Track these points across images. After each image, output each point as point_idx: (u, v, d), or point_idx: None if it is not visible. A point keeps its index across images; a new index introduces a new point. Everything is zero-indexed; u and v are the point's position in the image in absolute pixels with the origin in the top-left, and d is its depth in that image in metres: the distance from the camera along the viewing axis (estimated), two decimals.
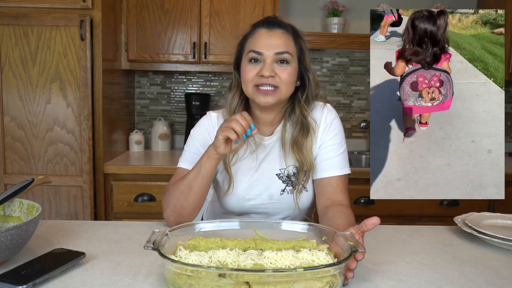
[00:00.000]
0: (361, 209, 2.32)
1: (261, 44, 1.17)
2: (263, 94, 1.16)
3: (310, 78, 1.23)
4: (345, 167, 1.25)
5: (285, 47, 1.17)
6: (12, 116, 2.11)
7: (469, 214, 1.31)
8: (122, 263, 0.96)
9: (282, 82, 1.16)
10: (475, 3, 2.90)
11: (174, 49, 2.46)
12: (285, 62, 1.17)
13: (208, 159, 1.11)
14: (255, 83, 1.16)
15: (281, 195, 1.26)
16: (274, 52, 1.16)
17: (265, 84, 1.15)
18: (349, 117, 2.96)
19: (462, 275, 0.95)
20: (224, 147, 1.07)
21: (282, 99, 1.19)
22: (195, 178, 1.13)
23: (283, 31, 1.19)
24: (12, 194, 1.05)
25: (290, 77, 1.17)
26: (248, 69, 1.18)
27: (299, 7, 2.84)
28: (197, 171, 1.12)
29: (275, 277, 0.75)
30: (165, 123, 2.74)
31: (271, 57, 1.16)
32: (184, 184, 1.14)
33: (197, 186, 1.13)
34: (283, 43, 1.17)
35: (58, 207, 2.16)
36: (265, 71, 1.14)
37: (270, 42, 1.16)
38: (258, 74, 1.16)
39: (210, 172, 1.12)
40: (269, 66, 1.15)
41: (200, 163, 1.13)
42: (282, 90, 1.17)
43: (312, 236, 0.97)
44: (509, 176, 1.50)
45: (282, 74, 1.16)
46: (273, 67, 1.16)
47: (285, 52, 1.16)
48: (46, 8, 2.07)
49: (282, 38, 1.18)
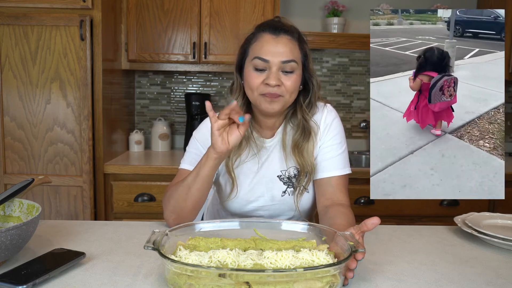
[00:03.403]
0: (361, 209, 2.32)
1: (267, 51, 1.15)
2: (269, 101, 1.15)
3: (314, 83, 1.22)
4: (345, 167, 1.25)
5: (291, 55, 1.15)
6: (12, 116, 2.11)
7: (469, 214, 1.31)
8: (122, 263, 0.96)
9: (287, 91, 1.15)
10: (475, 3, 2.90)
11: (174, 49, 2.46)
12: (290, 71, 1.15)
13: (207, 160, 1.09)
14: (261, 92, 1.15)
15: (282, 196, 1.26)
16: (280, 61, 1.14)
17: (271, 93, 1.14)
18: (349, 117, 2.96)
19: (462, 275, 0.95)
20: (220, 142, 1.04)
21: (286, 105, 1.19)
22: (194, 179, 1.12)
23: (289, 38, 1.17)
24: (12, 194, 1.05)
25: (295, 85, 1.16)
26: (253, 76, 1.16)
27: (299, 7, 2.84)
28: (196, 172, 1.12)
29: (275, 277, 0.75)
30: (165, 123, 2.74)
31: (277, 65, 1.14)
32: (183, 185, 1.14)
33: (196, 187, 1.12)
34: (289, 51, 1.15)
35: (58, 207, 2.16)
36: (271, 80, 1.13)
37: (277, 50, 1.14)
38: (264, 82, 1.14)
39: (209, 173, 1.10)
40: (275, 75, 1.13)
41: (199, 164, 1.12)
42: (286, 98, 1.16)
43: (312, 236, 0.97)
44: (509, 176, 1.50)
45: (287, 83, 1.15)
46: (279, 75, 1.14)
47: (291, 60, 1.15)
48: (46, 8, 2.07)
49: (288, 45, 1.16)
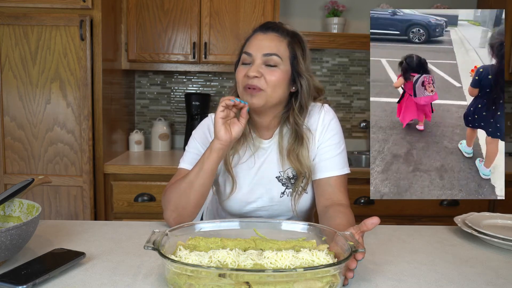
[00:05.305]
0: (361, 209, 2.32)
1: (252, 46, 1.18)
2: (250, 95, 1.16)
3: (302, 84, 1.20)
4: (344, 167, 1.25)
5: (275, 49, 1.16)
6: (12, 116, 2.11)
7: (469, 214, 1.31)
8: (122, 263, 0.96)
9: (268, 84, 1.15)
10: (475, 3, 2.90)
11: (174, 49, 2.47)
12: (274, 65, 1.16)
13: (211, 153, 1.11)
14: (243, 84, 1.17)
15: (281, 197, 1.26)
16: (262, 54, 1.15)
17: (250, 85, 1.15)
18: (349, 117, 2.96)
19: (462, 275, 0.95)
20: (224, 131, 1.09)
21: (270, 102, 1.17)
22: (197, 174, 1.12)
23: (277, 34, 1.19)
24: (12, 194, 1.05)
25: (277, 80, 1.15)
26: (239, 70, 1.19)
27: (299, 7, 2.84)
28: (199, 167, 1.13)
29: (275, 277, 0.75)
30: (165, 123, 2.74)
31: (260, 59, 1.16)
32: (185, 181, 1.14)
33: (199, 183, 1.13)
34: (274, 46, 1.16)
35: (58, 207, 2.16)
36: (250, 71, 1.14)
37: (261, 44, 1.17)
38: (245, 74, 1.16)
39: (212, 167, 1.12)
40: (255, 67, 1.15)
41: (202, 158, 1.13)
42: (268, 92, 1.15)
43: (312, 236, 0.97)
44: (509, 176, 1.50)
45: (269, 77, 1.15)
46: (261, 68, 1.15)
47: (273, 54, 1.15)
48: (46, 8, 2.07)
49: (274, 40, 1.17)
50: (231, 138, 1.10)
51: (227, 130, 1.10)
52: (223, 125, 1.09)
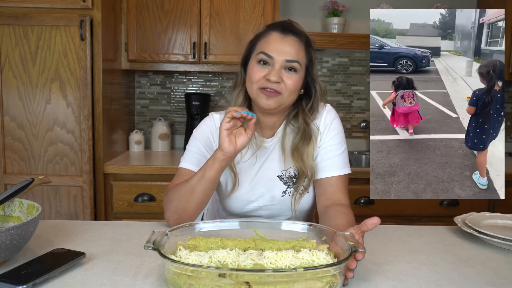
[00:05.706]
0: (361, 209, 2.32)
1: (273, 48, 1.16)
2: (266, 97, 1.16)
3: (317, 89, 1.23)
4: (345, 167, 1.25)
5: (296, 56, 1.17)
6: (12, 116, 2.11)
7: (469, 214, 1.31)
8: (122, 263, 0.96)
9: (286, 89, 1.16)
10: (475, 3, 2.90)
11: (174, 49, 2.46)
12: (293, 70, 1.17)
13: (214, 162, 1.09)
14: (260, 86, 1.16)
15: (282, 196, 1.26)
16: (284, 59, 1.16)
17: (270, 89, 1.15)
18: (349, 117, 2.96)
19: (462, 275, 0.95)
20: (228, 142, 1.06)
21: (283, 105, 1.19)
22: (199, 181, 1.11)
23: (297, 39, 1.18)
24: (12, 194, 1.05)
25: (295, 85, 1.17)
26: (256, 69, 1.17)
27: (299, 7, 2.84)
28: (202, 174, 1.11)
29: (275, 277, 0.75)
30: (165, 123, 2.74)
31: (281, 63, 1.16)
32: (187, 186, 1.13)
33: (200, 189, 1.12)
34: (295, 52, 1.17)
35: (58, 207, 2.16)
36: (272, 76, 1.14)
37: (283, 48, 1.16)
38: (265, 77, 1.15)
39: (215, 176, 1.10)
40: (277, 72, 1.15)
41: (205, 166, 1.12)
42: (284, 96, 1.17)
43: (312, 236, 0.97)
44: (509, 176, 1.50)
45: (288, 81, 1.16)
46: (281, 73, 1.16)
47: (295, 61, 1.16)
48: (46, 8, 2.07)
49: (295, 46, 1.17)
50: (235, 149, 1.07)
51: (232, 141, 1.06)
52: (227, 137, 1.06)
